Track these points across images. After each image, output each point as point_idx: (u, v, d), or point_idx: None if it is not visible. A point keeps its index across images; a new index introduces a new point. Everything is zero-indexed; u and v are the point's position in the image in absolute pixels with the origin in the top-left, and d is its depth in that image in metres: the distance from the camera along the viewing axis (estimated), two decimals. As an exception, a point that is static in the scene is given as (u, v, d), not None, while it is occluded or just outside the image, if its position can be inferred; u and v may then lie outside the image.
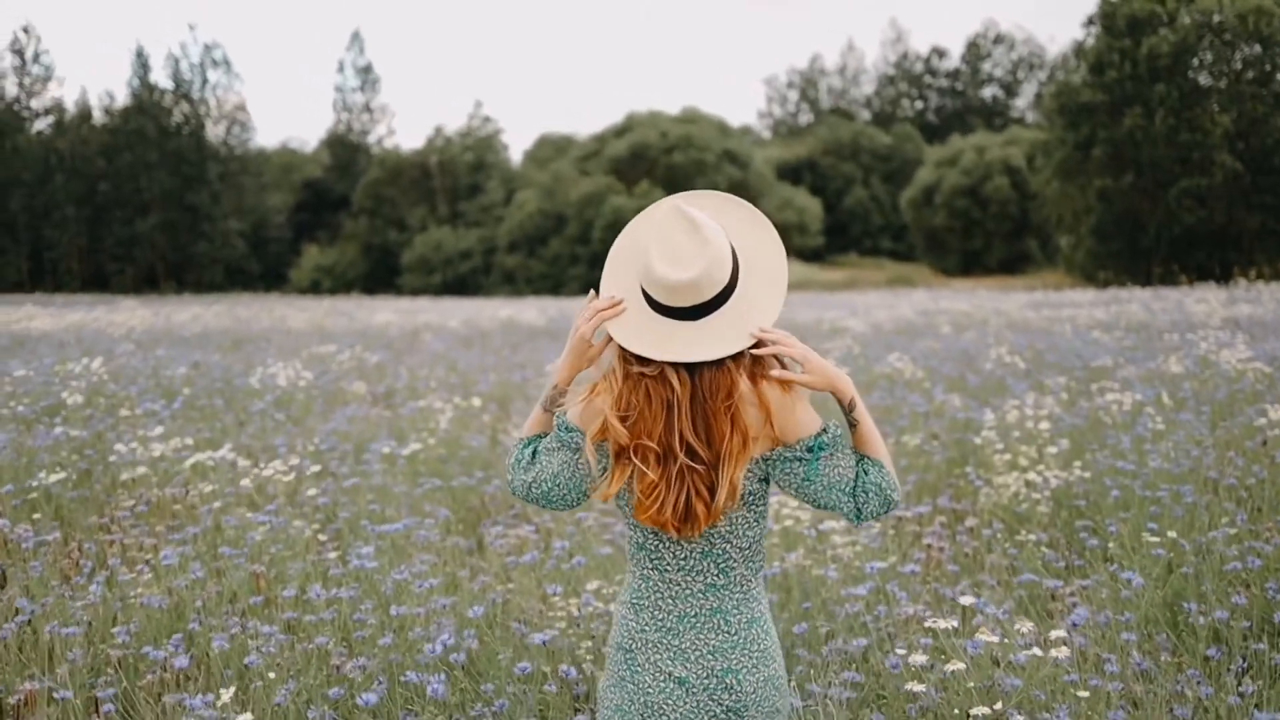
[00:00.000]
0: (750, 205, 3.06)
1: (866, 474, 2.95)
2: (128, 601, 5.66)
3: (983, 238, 75.75)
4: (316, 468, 7.71)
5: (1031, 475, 7.72)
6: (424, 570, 5.81)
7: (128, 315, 27.24)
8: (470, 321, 26.08)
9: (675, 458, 2.90)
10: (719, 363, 2.90)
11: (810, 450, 2.92)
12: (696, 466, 2.89)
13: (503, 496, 8.41)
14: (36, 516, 7.72)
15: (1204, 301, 26.43)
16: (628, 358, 2.94)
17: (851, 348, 14.87)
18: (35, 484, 8.02)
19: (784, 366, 2.92)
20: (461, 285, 69.26)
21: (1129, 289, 38.58)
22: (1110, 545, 6.63)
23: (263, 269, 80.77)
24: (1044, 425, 8.55)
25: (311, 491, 6.57)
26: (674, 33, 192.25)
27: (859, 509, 2.96)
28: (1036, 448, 8.46)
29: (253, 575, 5.74)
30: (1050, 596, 5.93)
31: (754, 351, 2.91)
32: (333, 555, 6.26)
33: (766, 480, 2.99)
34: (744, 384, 2.91)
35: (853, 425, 3.00)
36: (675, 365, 2.90)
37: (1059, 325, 20.90)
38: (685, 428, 2.89)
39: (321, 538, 6.82)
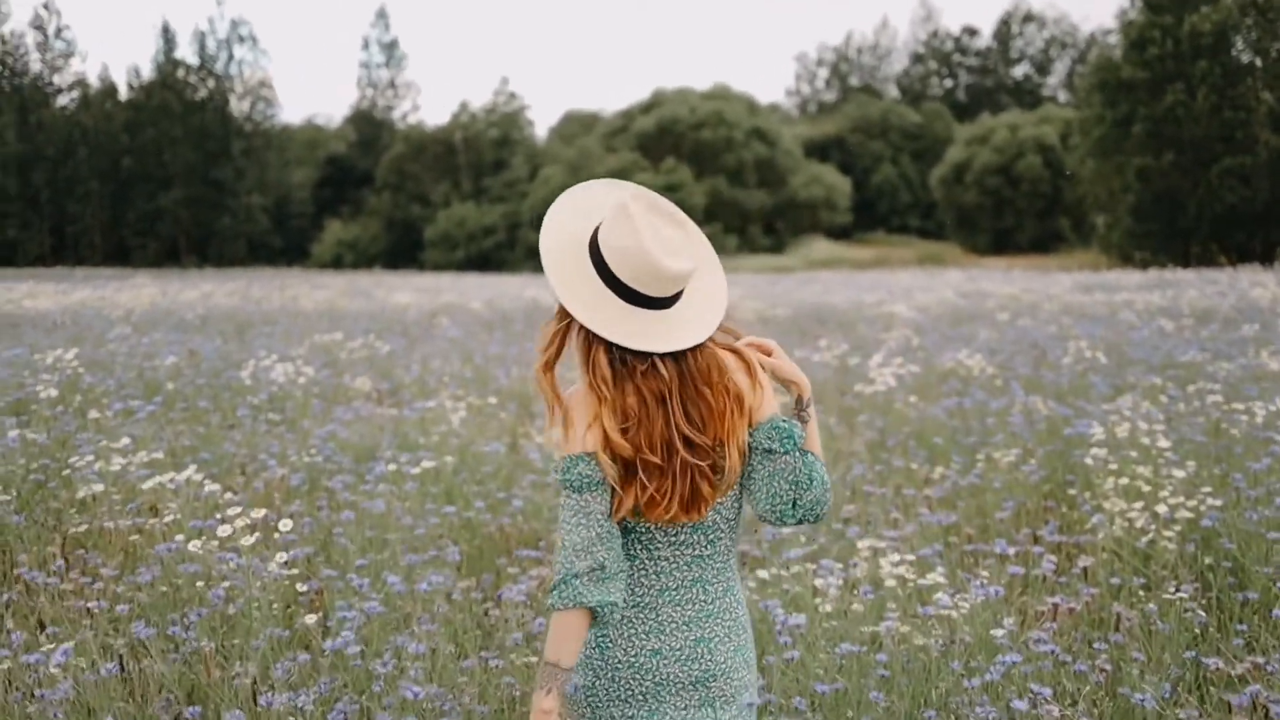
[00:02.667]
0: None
1: (814, 470, 3.00)
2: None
3: (1014, 216, 74.60)
4: (295, 505, 6.41)
5: (1158, 506, 6.38)
6: (421, 651, 4.50)
7: (133, 295, 25.93)
8: (492, 303, 24.71)
9: (676, 453, 2.91)
10: (701, 345, 2.95)
11: (786, 439, 2.96)
12: (696, 459, 2.91)
13: (524, 524, 7.10)
14: (-33, 545, 6.50)
15: (1260, 285, 25.17)
16: (613, 363, 2.92)
17: (909, 339, 13.53)
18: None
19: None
20: (485, 261, 68.33)
21: (1171, 270, 37.27)
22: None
23: (285, 244, 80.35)
24: (1162, 442, 7.19)
25: (288, 527, 5.28)
26: (703, 8, 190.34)
27: (801, 508, 2.99)
28: (1153, 468, 7.11)
29: (200, 656, 4.46)
30: (1215, 680, 4.66)
31: (737, 345, 3.06)
32: (311, 620, 5.00)
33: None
34: (727, 355, 3.02)
35: (804, 421, 3.07)
36: (663, 355, 2.91)
37: (1120, 312, 19.54)
38: (679, 420, 2.91)
39: (301, 588, 5.55)
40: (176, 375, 11.97)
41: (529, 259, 66.56)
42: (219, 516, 5.64)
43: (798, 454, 2.97)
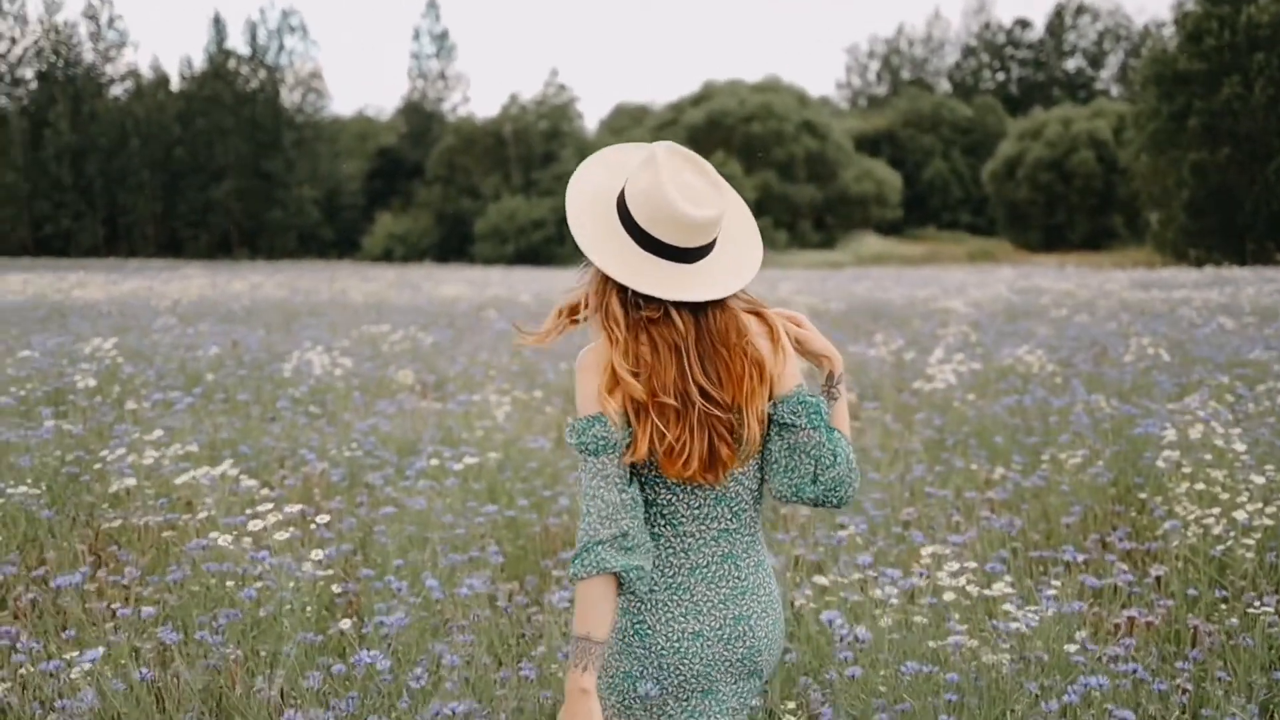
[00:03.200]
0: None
1: (838, 447, 2.91)
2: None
3: (1066, 212, 73.85)
4: (335, 501, 6.17)
5: (1235, 512, 6.04)
6: (456, 664, 4.25)
7: (181, 286, 25.86)
8: (541, 296, 24.45)
9: (693, 404, 2.82)
10: (722, 303, 2.87)
11: (813, 413, 2.89)
12: (714, 411, 2.83)
13: (570, 523, 6.82)
14: (-3, 539, 6.30)
15: (1323, 284, 24.67)
16: (625, 306, 2.84)
17: (967, 335, 13.18)
18: (4, 496, 6.57)
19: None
20: (534, 255, 68.17)
21: (1227, 268, 36.62)
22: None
23: (336, 236, 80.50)
24: (1238, 445, 6.84)
25: (324, 520, 5.04)
26: (754, 0, 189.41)
27: (821, 485, 2.91)
28: (1228, 472, 6.76)
29: (226, 664, 4.22)
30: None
31: (762, 309, 2.96)
32: (346, 625, 4.76)
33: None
34: (750, 319, 2.92)
35: (833, 399, 3.02)
36: (679, 307, 2.83)
37: (1179, 309, 19.10)
38: (696, 372, 2.82)
39: (338, 590, 5.31)
40: (218, 366, 11.78)
41: (578, 254, 65.87)
42: (249, 513, 5.42)
43: (823, 430, 2.89)
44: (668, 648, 2.90)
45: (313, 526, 5.74)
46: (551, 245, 69.41)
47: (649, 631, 2.92)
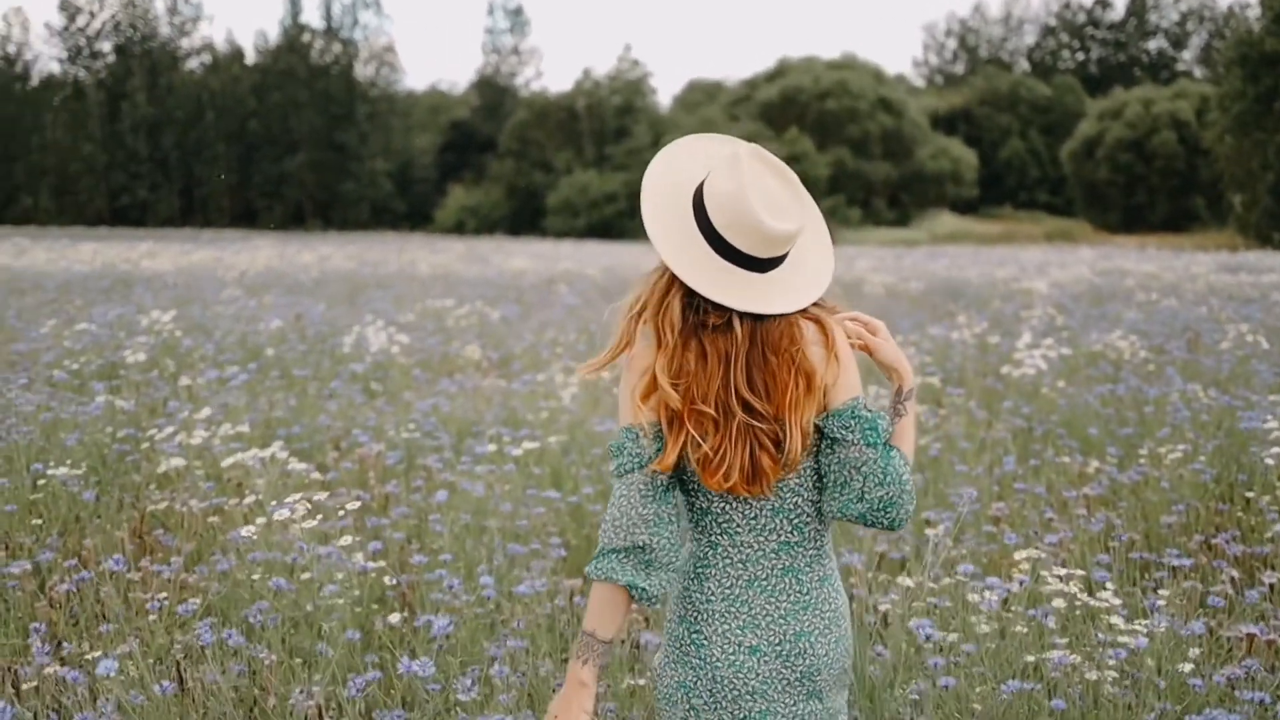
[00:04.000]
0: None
1: (889, 465, 2.78)
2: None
3: (1146, 194, 72.71)
4: (390, 486, 5.81)
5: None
6: (504, 674, 3.88)
7: (249, 257, 25.67)
8: (611, 270, 24.03)
9: (733, 415, 2.72)
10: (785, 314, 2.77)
11: (868, 429, 2.76)
12: (756, 422, 2.73)
13: None
14: (37, 521, 6.00)
15: None
16: (685, 311, 2.75)
17: (1053, 318, 12.65)
18: (45, 477, 6.28)
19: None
20: (606, 229, 67.94)
21: (1315, 253, 35.70)
22: None
23: (408, 208, 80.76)
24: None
25: (355, 507, 4.70)
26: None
27: (867, 504, 2.78)
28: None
29: (260, 668, 3.88)
30: None
31: (839, 316, 2.88)
32: (395, 619, 4.42)
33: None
34: (808, 325, 2.79)
35: (899, 415, 2.92)
36: (743, 316, 2.73)
37: (1270, 294, 18.42)
38: (740, 383, 2.73)
39: (389, 581, 4.96)
40: (280, 340, 11.47)
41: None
42: (296, 499, 5.09)
43: (879, 448, 2.78)
44: (722, 660, 2.82)
45: (363, 514, 5.40)
46: (623, 219, 69.17)
47: (704, 642, 2.84)
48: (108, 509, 6.42)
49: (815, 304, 2.83)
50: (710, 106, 74.66)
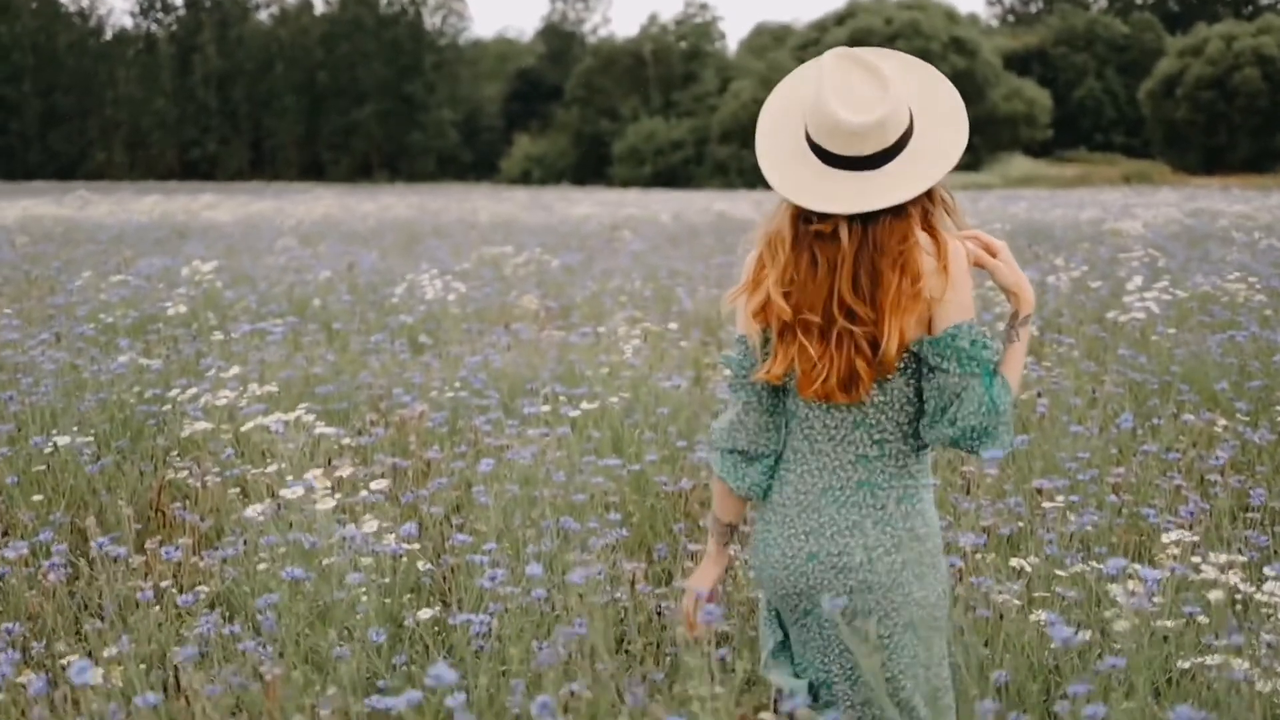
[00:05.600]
0: (907, 55, 2.89)
1: (989, 393, 2.75)
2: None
3: (1228, 133, 71.27)
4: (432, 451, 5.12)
5: None
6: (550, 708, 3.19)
7: (308, 208, 25.08)
8: (679, 216, 23.21)
9: (835, 321, 2.75)
10: (899, 209, 2.74)
11: (966, 359, 2.73)
12: (855, 328, 2.74)
13: (702, 487, 5.69)
14: (37, 498, 5.38)
15: None
16: (795, 223, 2.79)
17: (1154, 258, 11.74)
18: (51, 445, 5.67)
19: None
20: (672, 177, 67.24)
21: None
22: None
23: (475, 158, 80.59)
24: None
25: (382, 486, 4.03)
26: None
27: (958, 428, 2.77)
28: None
29: (262, 683, 3.24)
30: None
31: (940, 232, 2.81)
32: (426, 615, 3.76)
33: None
34: (922, 235, 2.76)
35: (1013, 340, 2.87)
36: (850, 220, 2.73)
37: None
38: (845, 288, 2.74)
39: (424, 566, 4.30)
40: (329, 291, 10.79)
41: (717, 174, 65.11)
42: (318, 471, 4.43)
43: (982, 377, 2.76)
44: (781, 562, 2.93)
45: (399, 485, 4.73)
46: (690, 166, 68.55)
47: (771, 543, 2.96)
48: (127, 479, 5.80)
49: (938, 199, 2.87)
50: (779, 50, 73.51)
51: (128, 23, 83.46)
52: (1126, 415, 6.10)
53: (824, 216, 2.75)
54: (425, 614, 3.95)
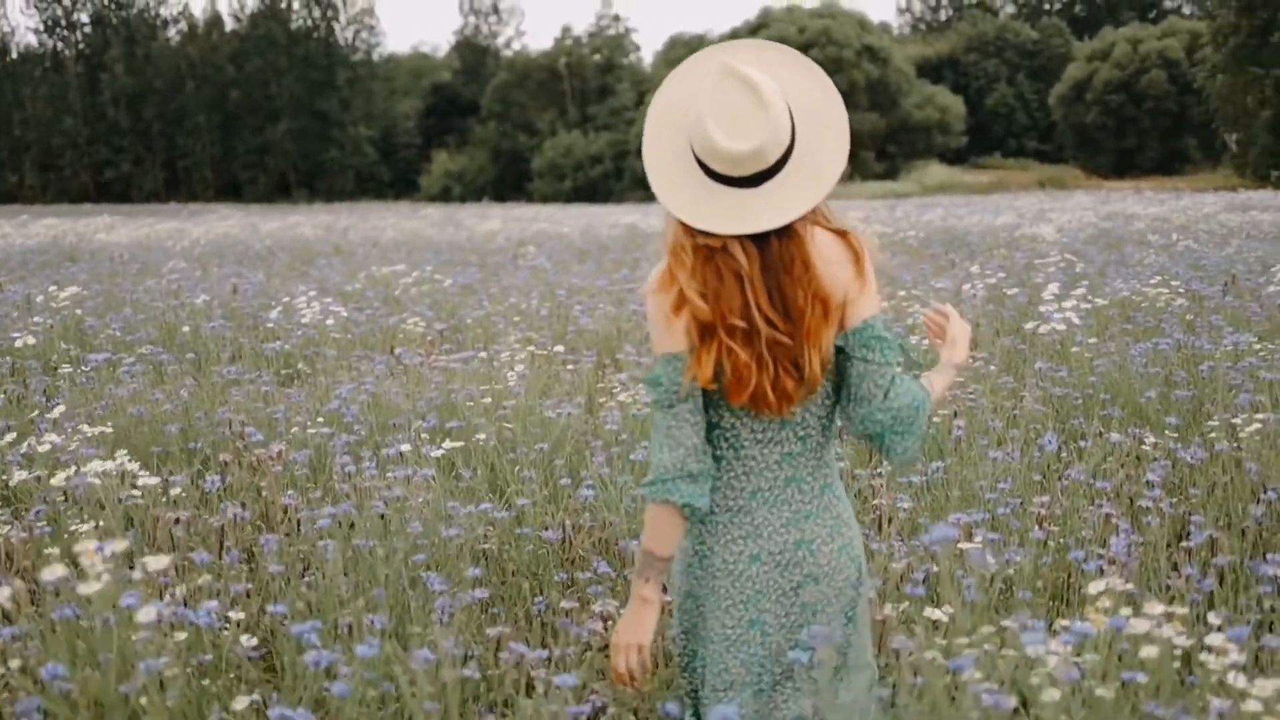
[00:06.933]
0: (797, 53, 2.88)
1: (907, 386, 2.85)
2: None
3: (1137, 136, 72.81)
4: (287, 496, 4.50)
5: None
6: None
7: (207, 229, 24.23)
8: (588, 230, 22.59)
9: (759, 333, 2.75)
10: (787, 230, 2.76)
11: (887, 349, 2.81)
12: (781, 339, 2.75)
13: (597, 520, 5.09)
14: None
15: None
16: (690, 233, 2.78)
17: (1071, 263, 11.30)
18: None
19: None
20: (593, 191, 67.04)
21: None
22: None
23: (393, 176, 79.98)
24: None
25: (161, 565, 3.40)
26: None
27: (890, 413, 2.82)
28: None
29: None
30: None
31: (851, 235, 2.86)
32: (243, 705, 3.16)
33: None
34: (831, 242, 2.81)
35: (944, 372, 3.05)
36: (739, 237, 2.74)
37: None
38: (761, 302, 2.75)
39: (250, 644, 3.70)
40: (205, 315, 10.04)
41: (637, 188, 64.97)
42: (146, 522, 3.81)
43: (896, 367, 2.83)
44: (723, 569, 2.90)
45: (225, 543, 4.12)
46: (610, 181, 68.39)
47: (709, 553, 2.93)
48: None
49: (827, 218, 2.86)
50: (694, 62, 73.48)
51: (33, 41, 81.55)
52: (1049, 436, 5.62)
53: (709, 233, 2.74)
54: (242, 703, 3.34)
